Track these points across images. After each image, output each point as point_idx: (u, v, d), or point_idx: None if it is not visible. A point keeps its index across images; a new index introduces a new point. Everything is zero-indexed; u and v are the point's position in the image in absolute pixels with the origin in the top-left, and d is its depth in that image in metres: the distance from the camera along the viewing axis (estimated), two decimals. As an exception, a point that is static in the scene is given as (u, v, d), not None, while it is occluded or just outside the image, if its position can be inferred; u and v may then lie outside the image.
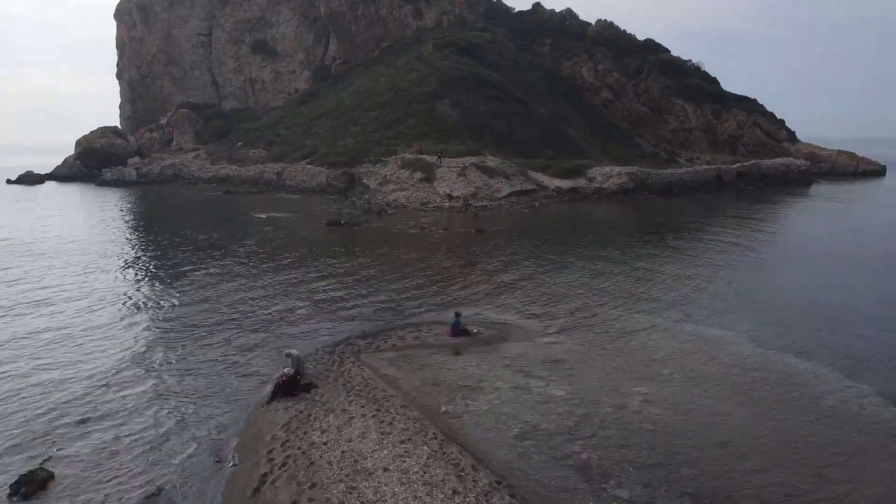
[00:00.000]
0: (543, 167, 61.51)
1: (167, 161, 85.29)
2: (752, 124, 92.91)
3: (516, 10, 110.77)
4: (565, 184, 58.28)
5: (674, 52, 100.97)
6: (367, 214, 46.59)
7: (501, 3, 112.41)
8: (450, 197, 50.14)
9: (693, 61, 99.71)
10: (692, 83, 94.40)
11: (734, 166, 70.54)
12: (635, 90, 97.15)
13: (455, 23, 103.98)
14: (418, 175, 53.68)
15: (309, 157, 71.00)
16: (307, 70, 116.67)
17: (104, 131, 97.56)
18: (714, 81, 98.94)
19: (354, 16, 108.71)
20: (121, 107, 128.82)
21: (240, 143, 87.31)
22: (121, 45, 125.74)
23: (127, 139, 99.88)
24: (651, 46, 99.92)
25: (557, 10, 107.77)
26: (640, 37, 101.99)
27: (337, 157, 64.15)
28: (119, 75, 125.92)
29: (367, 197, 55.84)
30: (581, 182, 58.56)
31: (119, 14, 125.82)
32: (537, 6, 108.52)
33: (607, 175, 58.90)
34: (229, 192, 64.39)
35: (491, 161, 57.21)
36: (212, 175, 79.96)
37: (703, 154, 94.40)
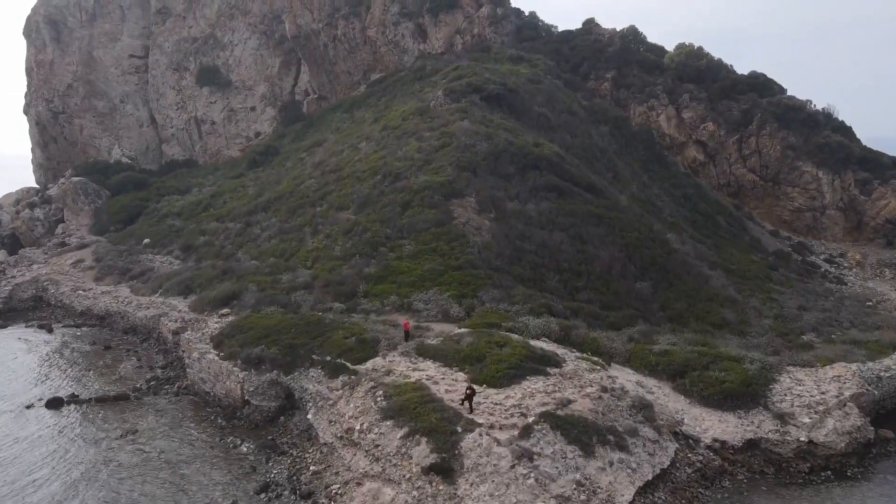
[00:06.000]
0: (664, 366, 30.90)
1: (30, 273, 54.77)
2: (924, 204, 62.10)
3: (559, 28, 79.91)
4: (731, 431, 27.68)
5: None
6: None
7: (537, 17, 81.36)
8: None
9: (817, 105, 68.77)
10: (830, 142, 63.63)
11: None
12: (739, 149, 66.53)
13: (473, 47, 73.40)
14: (421, 453, 23.04)
15: (230, 302, 40.67)
16: (271, 107, 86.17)
17: (-41, 209, 66.77)
18: (851, 134, 68.15)
19: (332, 37, 78.03)
20: (32, 151, 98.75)
21: (146, 241, 56.96)
22: (29, 72, 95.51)
23: (-1, 218, 69.08)
24: (759, 83, 69.28)
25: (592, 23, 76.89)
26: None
27: (269, 339, 33.41)
28: (26, 110, 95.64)
29: (307, 466, 25.45)
30: (765, 426, 27.88)
31: (27, 31, 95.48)
32: (590, 24, 77.21)
33: (819, 408, 28.25)
34: (56, 403, 33.01)
35: (577, 395, 26.55)
36: (88, 306, 49.57)
37: (845, 244, 63.80)
